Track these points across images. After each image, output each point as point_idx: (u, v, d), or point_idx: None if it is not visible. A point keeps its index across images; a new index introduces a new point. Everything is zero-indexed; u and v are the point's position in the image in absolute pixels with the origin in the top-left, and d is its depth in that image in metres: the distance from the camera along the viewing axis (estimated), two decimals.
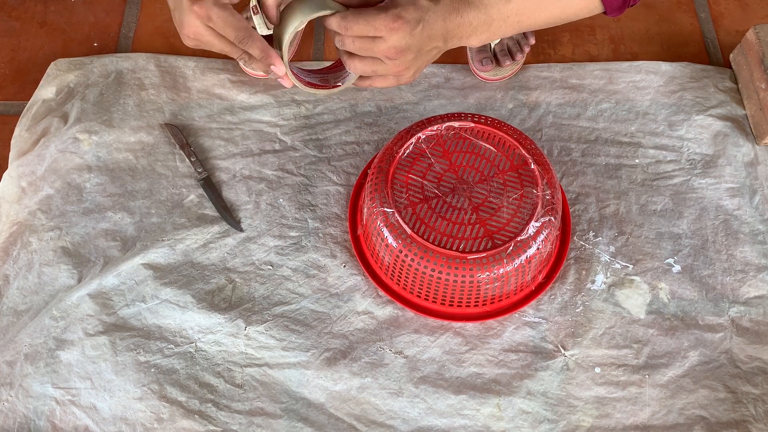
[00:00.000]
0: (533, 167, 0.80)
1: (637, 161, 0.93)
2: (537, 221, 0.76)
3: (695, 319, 0.82)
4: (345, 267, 0.85)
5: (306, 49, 1.05)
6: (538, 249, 0.76)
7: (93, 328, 0.80)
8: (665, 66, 1.01)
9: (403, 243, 0.75)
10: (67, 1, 1.12)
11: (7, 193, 0.90)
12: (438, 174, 0.80)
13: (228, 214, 0.88)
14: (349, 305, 0.83)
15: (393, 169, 0.80)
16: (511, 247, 0.75)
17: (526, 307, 0.82)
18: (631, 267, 0.85)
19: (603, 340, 0.81)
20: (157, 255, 0.85)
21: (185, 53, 1.04)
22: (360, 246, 0.85)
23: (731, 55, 1.02)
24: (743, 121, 0.96)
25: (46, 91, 0.98)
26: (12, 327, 0.81)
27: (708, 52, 1.06)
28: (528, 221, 0.77)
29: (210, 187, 0.90)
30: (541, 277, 0.82)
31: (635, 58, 1.05)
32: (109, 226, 0.88)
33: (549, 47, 1.06)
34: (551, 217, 0.77)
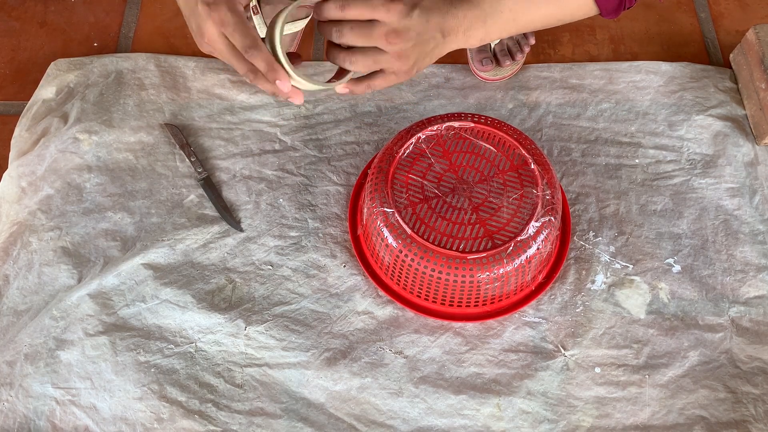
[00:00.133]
0: (533, 167, 0.80)
1: (637, 161, 0.93)
2: (537, 221, 0.76)
3: (695, 319, 0.82)
4: (345, 267, 0.85)
5: (306, 49, 1.05)
6: (538, 249, 0.76)
7: (93, 328, 0.80)
8: (665, 66, 1.01)
9: (403, 243, 0.75)
10: (67, 1, 1.12)
11: (7, 193, 0.90)
12: (438, 174, 0.80)
13: (228, 214, 0.88)
14: (349, 305, 0.83)
15: (393, 169, 0.80)
16: (511, 247, 0.75)
17: (526, 307, 0.82)
18: (631, 267, 0.85)
19: (603, 340, 0.81)
20: (157, 255, 0.85)
21: (185, 53, 1.04)
22: (360, 246, 0.85)
23: (731, 55, 1.02)
24: (743, 121, 0.96)
25: (46, 91, 0.98)
26: (12, 327, 0.81)
27: (708, 52, 1.06)
28: (528, 221, 0.77)
29: (210, 187, 0.90)
30: (541, 277, 0.82)
31: (635, 58, 1.05)
32: (109, 226, 0.88)
33: (549, 47, 1.06)
34: (551, 217, 0.77)
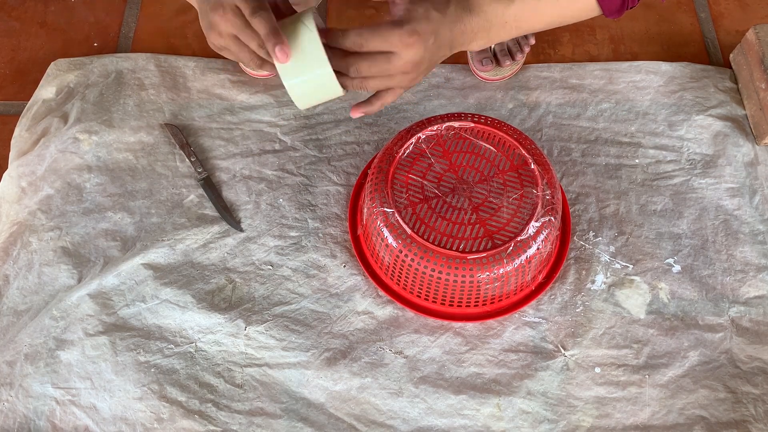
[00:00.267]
0: (533, 167, 0.80)
1: (637, 161, 0.93)
2: (537, 221, 0.76)
3: (695, 319, 0.82)
4: (345, 267, 0.85)
5: None
6: (538, 249, 0.76)
7: (93, 328, 0.80)
8: (665, 66, 1.01)
9: (403, 243, 0.75)
10: (67, 1, 1.12)
11: (7, 193, 0.90)
12: (438, 174, 0.80)
13: (228, 214, 0.88)
14: (349, 305, 0.83)
15: (393, 169, 0.80)
16: (511, 247, 0.75)
17: (526, 307, 0.82)
18: (631, 267, 0.85)
19: (603, 340, 0.80)
20: (157, 255, 0.85)
21: (185, 53, 1.04)
22: (360, 246, 0.85)
23: (731, 55, 1.02)
24: (743, 121, 0.96)
25: (46, 91, 0.98)
26: (12, 327, 0.81)
27: (708, 52, 1.06)
28: (528, 221, 0.77)
29: (210, 187, 0.90)
30: (541, 277, 0.82)
31: (635, 58, 1.05)
32: (109, 226, 0.88)
33: (549, 47, 1.06)
34: (551, 217, 0.77)
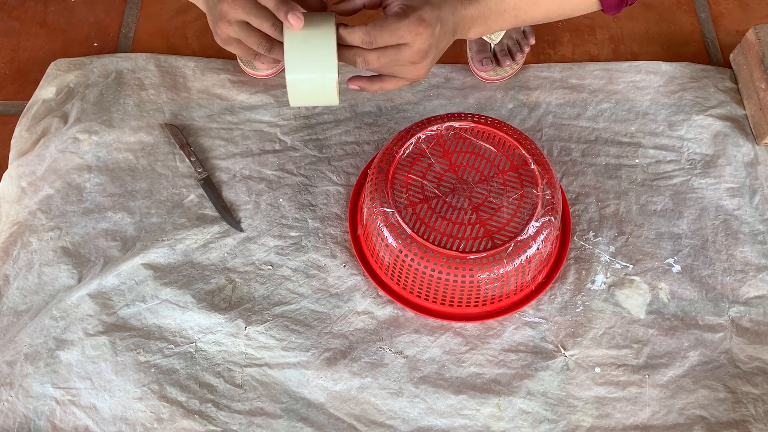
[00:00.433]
0: (533, 167, 0.80)
1: (637, 161, 0.93)
2: (537, 221, 0.76)
3: (695, 319, 0.82)
4: (345, 267, 0.85)
5: None
6: (538, 249, 0.76)
7: (93, 328, 0.80)
8: (665, 66, 1.01)
9: (403, 243, 0.75)
10: (67, 1, 1.12)
11: (7, 193, 0.90)
12: (438, 174, 0.80)
13: (228, 214, 0.88)
14: (349, 305, 0.83)
15: (393, 169, 0.80)
16: (511, 247, 0.75)
17: (526, 307, 0.82)
18: (631, 267, 0.85)
19: (603, 340, 0.81)
20: (157, 255, 0.85)
21: (185, 53, 1.04)
22: (360, 246, 0.85)
23: (731, 55, 1.02)
24: (743, 121, 0.96)
25: (46, 91, 0.98)
26: (12, 327, 0.81)
27: (708, 52, 1.06)
28: (528, 221, 0.77)
29: (210, 187, 0.90)
30: (541, 277, 0.82)
31: (635, 58, 1.05)
32: (109, 226, 0.88)
33: (549, 47, 1.06)
34: (551, 217, 0.77)
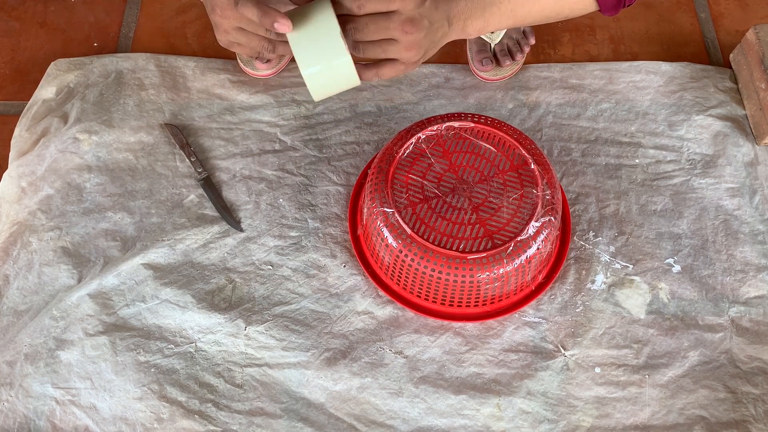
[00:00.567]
0: (533, 167, 0.80)
1: (637, 161, 0.93)
2: (537, 221, 0.76)
3: (695, 319, 0.82)
4: (345, 267, 0.85)
5: None
6: (538, 249, 0.76)
7: (93, 328, 0.80)
8: (665, 66, 1.01)
9: (403, 243, 0.75)
10: (67, 1, 1.12)
11: (7, 193, 0.90)
12: (438, 174, 0.80)
13: (228, 214, 0.88)
14: (349, 305, 0.83)
15: (393, 169, 0.80)
16: (511, 247, 0.75)
17: (526, 307, 0.82)
18: (631, 267, 0.85)
19: (603, 340, 0.81)
20: (157, 255, 0.85)
21: (185, 53, 1.04)
22: (360, 246, 0.85)
23: (731, 55, 1.02)
24: (743, 121, 0.96)
25: (46, 91, 0.98)
26: (12, 327, 0.81)
27: (708, 52, 1.06)
28: (528, 221, 0.77)
29: (210, 187, 0.90)
30: (541, 277, 0.82)
31: (635, 58, 1.05)
32: (109, 226, 0.88)
33: (549, 47, 1.06)
34: (551, 217, 0.77)
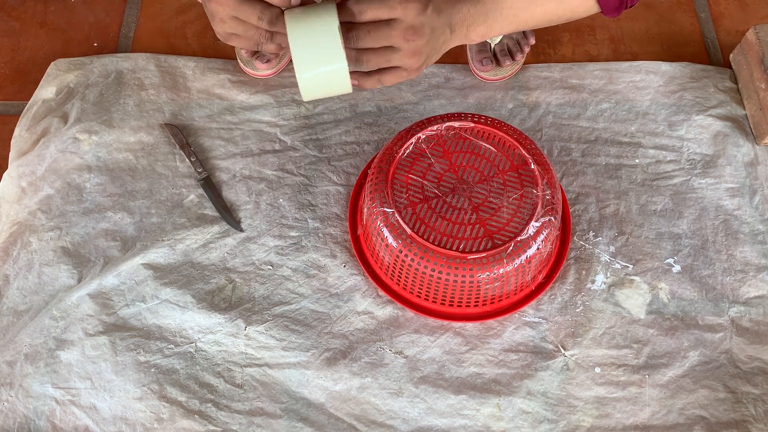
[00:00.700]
0: (533, 167, 0.80)
1: (637, 161, 0.93)
2: (537, 221, 0.76)
3: (695, 319, 0.82)
4: (345, 267, 0.85)
5: None
6: (538, 249, 0.76)
7: (93, 328, 0.80)
8: (665, 66, 1.01)
9: (403, 243, 0.75)
10: (67, 1, 1.12)
11: (7, 193, 0.90)
12: (438, 174, 0.80)
13: (228, 214, 0.88)
14: (349, 305, 0.83)
15: (393, 169, 0.80)
16: (511, 247, 0.75)
17: (526, 307, 0.82)
18: (631, 267, 0.85)
19: (603, 340, 0.81)
20: (157, 255, 0.85)
21: (185, 53, 1.04)
22: (360, 246, 0.85)
23: (731, 55, 1.02)
24: (743, 121, 0.96)
25: (46, 91, 0.98)
26: (12, 327, 0.81)
27: (708, 52, 1.06)
28: (528, 221, 0.77)
29: (210, 187, 0.90)
30: (541, 277, 0.82)
31: (635, 58, 1.05)
32: (109, 226, 0.88)
33: (549, 47, 1.06)
34: (551, 217, 0.77)
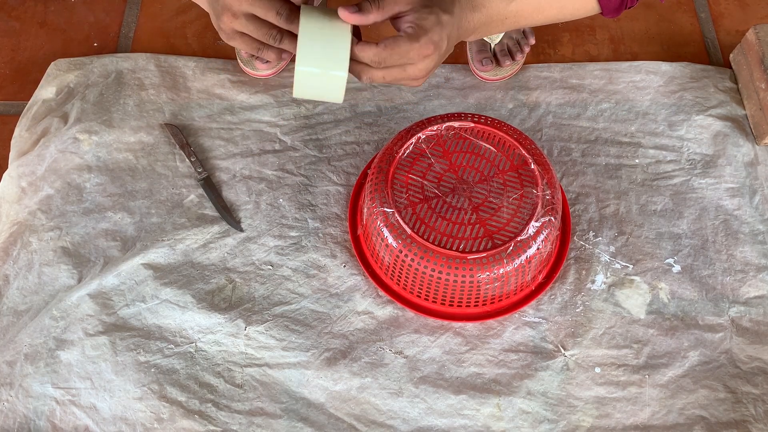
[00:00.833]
0: (533, 167, 0.80)
1: (637, 161, 0.93)
2: (537, 221, 0.76)
3: (695, 319, 0.82)
4: (345, 267, 0.85)
5: None
6: (538, 249, 0.76)
7: (93, 328, 0.80)
8: (665, 66, 1.01)
9: (403, 243, 0.75)
10: (67, 1, 1.12)
11: (7, 193, 0.90)
12: (438, 174, 0.80)
13: (228, 214, 0.88)
14: (349, 305, 0.83)
15: (393, 169, 0.80)
16: (511, 247, 0.75)
17: (526, 307, 0.82)
18: (631, 267, 0.85)
19: (603, 340, 0.81)
20: (157, 255, 0.85)
21: (185, 53, 1.04)
22: (360, 246, 0.85)
23: (731, 55, 1.02)
24: (743, 121, 0.96)
25: (46, 91, 0.98)
26: (12, 327, 0.81)
27: (708, 52, 1.06)
28: (528, 221, 0.77)
29: (210, 187, 0.90)
30: (541, 277, 0.82)
31: (635, 58, 1.05)
32: (109, 226, 0.88)
33: (549, 47, 1.06)
34: (551, 217, 0.77)
